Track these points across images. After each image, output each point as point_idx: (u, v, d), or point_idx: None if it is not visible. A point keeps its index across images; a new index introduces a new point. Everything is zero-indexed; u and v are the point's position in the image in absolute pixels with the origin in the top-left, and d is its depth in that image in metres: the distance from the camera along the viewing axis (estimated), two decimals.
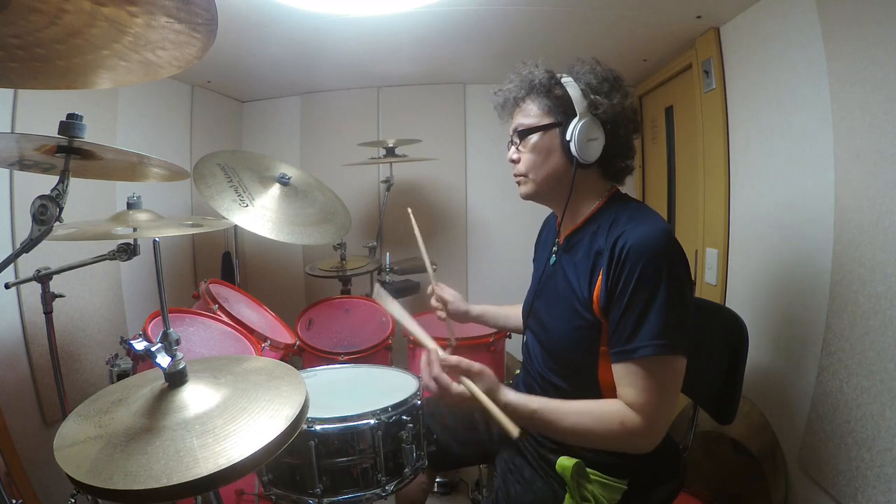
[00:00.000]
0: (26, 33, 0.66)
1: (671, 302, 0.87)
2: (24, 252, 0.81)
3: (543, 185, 1.05)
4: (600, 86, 1.00)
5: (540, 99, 1.02)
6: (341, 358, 1.68)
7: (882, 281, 1.12)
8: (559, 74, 1.03)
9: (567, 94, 0.99)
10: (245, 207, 1.70)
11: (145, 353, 0.78)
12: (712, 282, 1.85)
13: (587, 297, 0.96)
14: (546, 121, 1.02)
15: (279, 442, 0.70)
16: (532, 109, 1.04)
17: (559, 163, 1.02)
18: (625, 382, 0.90)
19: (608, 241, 0.94)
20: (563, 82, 1.01)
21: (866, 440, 1.15)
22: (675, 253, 0.91)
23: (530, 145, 1.04)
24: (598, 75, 1.01)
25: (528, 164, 1.05)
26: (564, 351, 1.04)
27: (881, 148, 1.11)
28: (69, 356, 1.69)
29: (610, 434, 0.89)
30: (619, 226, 0.95)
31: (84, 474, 0.64)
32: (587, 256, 0.98)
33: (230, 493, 1.31)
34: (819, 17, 1.29)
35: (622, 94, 1.01)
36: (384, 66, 2.37)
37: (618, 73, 1.04)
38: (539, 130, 1.02)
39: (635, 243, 0.89)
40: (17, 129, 1.48)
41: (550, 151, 1.02)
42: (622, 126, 1.01)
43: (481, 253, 2.73)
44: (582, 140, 0.97)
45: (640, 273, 0.88)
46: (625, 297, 0.89)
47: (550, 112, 1.01)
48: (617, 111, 1.00)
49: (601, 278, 0.93)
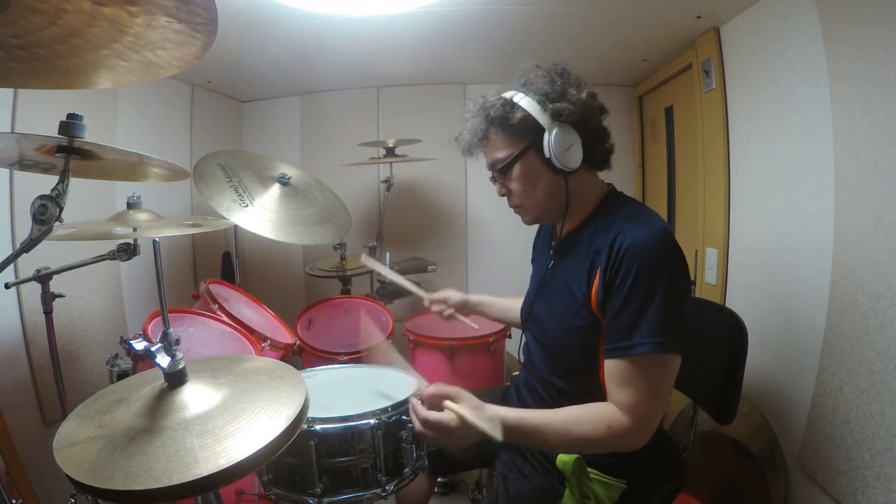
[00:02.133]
0: (26, 33, 0.66)
1: (668, 300, 0.87)
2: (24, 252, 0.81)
3: (543, 208, 1.05)
4: (553, 90, 0.97)
5: (503, 129, 0.99)
6: (341, 358, 1.68)
7: (882, 281, 1.12)
8: (510, 94, 1.00)
9: (527, 114, 0.96)
10: (245, 207, 1.70)
11: (145, 353, 0.78)
12: (712, 282, 1.85)
13: (585, 295, 0.96)
14: (519, 147, 0.99)
15: (279, 442, 0.70)
16: (500, 142, 1.01)
17: (549, 181, 1.00)
18: (617, 380, 0.90)
19: (606, 241, 0.94)
20: (519, 103, 0.97)
21: (866, 440, 1.15)
22: (673, 252, 0.91)
23: (514, 176, 1.02)
24: (546, 78, 0.98)
25: (520, 194, 1.03)
26: (564, 351, 1.04)
27: (881, 148, 1.11)
28: (69, 356, 1.69)
29: (597, 438, 0.89)
30: (616, 225, 0.95)
31: (84, 474, 0.64)
32: (585, 257, 0.98)
33: (230, 493, 1.30)
34: (819, 17, 1.29)
35: (576, 88, 0.98)
36: (384, 66, 2.37)
37: (563, 65, 1.01)
38: (516, 160, 1.00)
39: (633, 242, 0.89)
40: (17, 129, 1.48)
41: (536, 174, 1.00)
42: (591, 117, 1.00)
43: (481, 253, 2.73)
44: (560, 151, 0.95)
45: (638, 271, 0.88)
46: (622, 294, 0.89)
47: (519, 137, 0.98)
48: (580, 107, 0.97)
49: (598, 276, 0.93)
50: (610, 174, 1.09)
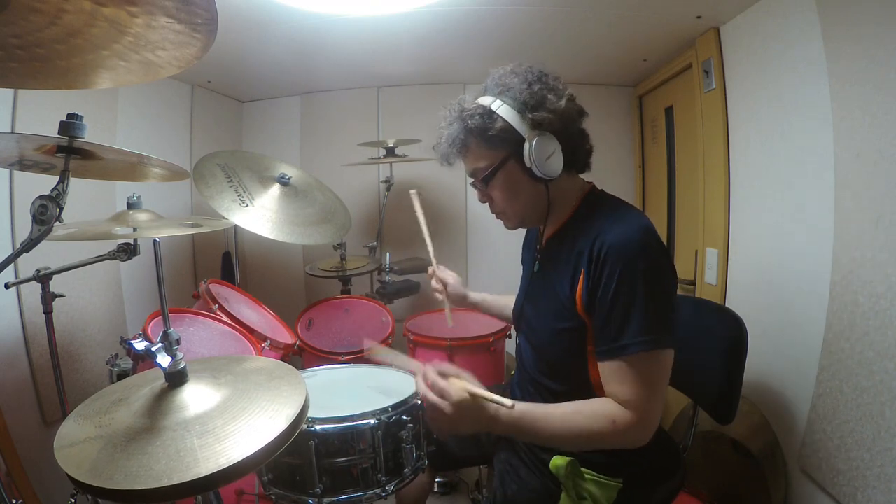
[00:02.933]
0: (26, 33, 0.66)
1: (654, 297, 0.87)
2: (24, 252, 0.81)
3: (525, 215, 1.05)
4: (532, 97, 0.95)
5: (483, 138, 0.97)
6: (341, 358, 1.68)
7: (882, 281, 1.12)
8: (488, 100, 0.98)
9: (506, 124, 0.95)
10: (245, 207, 1.70)
11: (145, 353, 0.78)
12: (712, 282, 1.85)
13: (570, 298, 0.96)
14: (500, 156, 0.98)
15: (279, 442, 0.70)
16: (479, 151, 0.99)
17: (530, 188, 1.00)
18: (613, 380, 0.90)
19: (587, 243, 0.94)
20: (497, 111, 0.95)
21: (866, 440, 1.15)
22: (655, 248, 0.91)
23: (495, 185, 1.01)
24: (524, 85, 0.95)
25: (502, 202, 1.03)
26: (553, 353, 1.04)
27: (881, 148, 1.11)
28: (69, 356, 1.69)
29: (601, 433, 0.89)
30: (597, 226, 0.94)
31: (84, 474, 0.64)
32: (568, 260, 0.98)
33: (230, 493, 1.30)
34: (819, 17, 1.29)
35: (555, 93, 0.96)
36: (384, 66, 2.37)
37: (539, 68, 0.99)
38: (497, 170, 0.99)
39: (614, 243, 0.89)
40: (17, 129, 1.48)
41: (517, 183, 1.00)
42: (570, 123, 0.98)
43: (481, 253, 2.74)
44: (541, 161, 0.94)
45: (621, 272, 0.88)
46: (608, 295, 0.89)
47: (499, 147, 0.97)
48: (560, 115, 0.96)
49: (582, 278, 0.93)
50: (610, 174, 1.09)
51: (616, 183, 1.10)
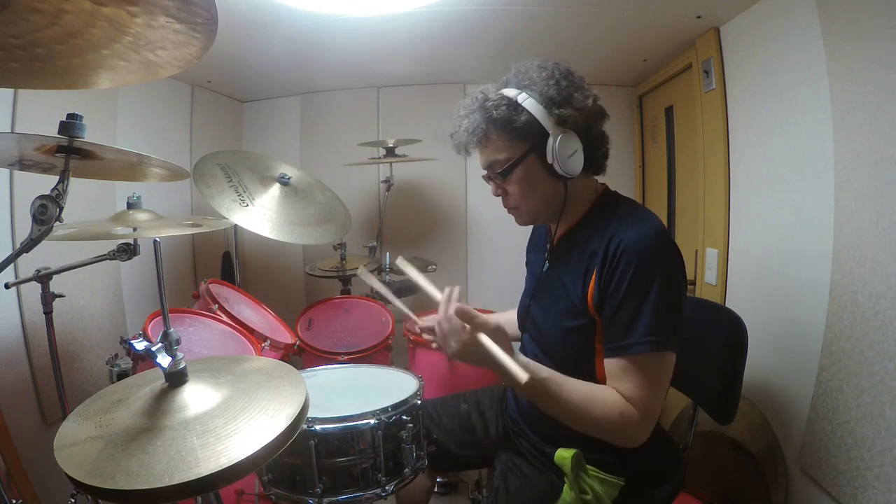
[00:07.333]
0: (26, 33, 0.66)
1: (665, 299, 0.87)
2: (24, 252, 0.81)
3: (539, 211, 1.04)
4: (559, 93, 0.94)
5: (505, 130, 0.96)
6: (341, 358, 1.68)
7: (882, 281, 1.12)
8: (513, 93, 0.96)
9: (532, 117, 0.93)
10: (245, 207, 1.70)
11: (145, 352, 0.78)
12: (712, 282, 1.85)
13: (581, 297, 0.96)
14: (520, 150, 0.96)
15: (279, 442, 0.70)
16: (500, 143, 0.97)
17: (548, 185, 0.99)
18: (619, 377, 0.91)
19: (601, 243, 0.94)
20: (523, 104, 0.94)
21: (866, 440, 1.15)
22: (669, 250, 0.91)
23: (513, 179, 0.99)
24: (552, 81, 0.94)
25: (518, 196, 1.02)
26: (561, 352, 1.04)
27: (881, 148, 1.11)
28: (69, 356, 1.69)
29: (607, 421, 0.89)
30: (611, 226, 0.95)
31: (84, 474, 0.64)
32: (581, 259, 0.98)
33: (230, 493, 1.30)
34: (819, 17, 1.29)
35: (582, 94, 0.96)
36: (384, 66, 2.37)
37: (565, 65, 0.98)
38: (518, 163, 0.97)
39: (629, 243, 0.89)
40: (17, 129, 1.48)
41: (536, 178, 0.98)
42: (593, 123, 0.98)
43: (481, 253, 2.73)
44: (564, 158, 0.93)
45: (635, 272, 0.88)
46: (619, 294, 0.89)
47: (521, 140, 0.96)
48: (585, 114, 0.95)
49: (595, 278, 0.93)
50: (610, 174, 1.09)
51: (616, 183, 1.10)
